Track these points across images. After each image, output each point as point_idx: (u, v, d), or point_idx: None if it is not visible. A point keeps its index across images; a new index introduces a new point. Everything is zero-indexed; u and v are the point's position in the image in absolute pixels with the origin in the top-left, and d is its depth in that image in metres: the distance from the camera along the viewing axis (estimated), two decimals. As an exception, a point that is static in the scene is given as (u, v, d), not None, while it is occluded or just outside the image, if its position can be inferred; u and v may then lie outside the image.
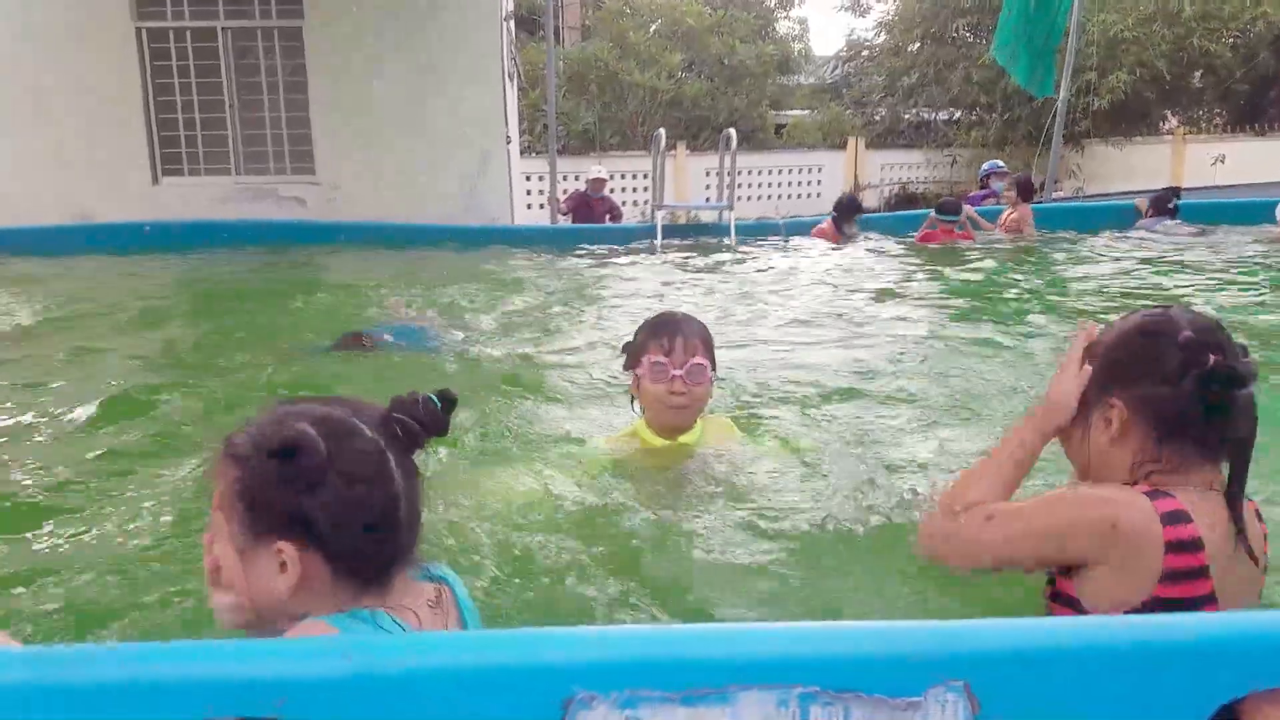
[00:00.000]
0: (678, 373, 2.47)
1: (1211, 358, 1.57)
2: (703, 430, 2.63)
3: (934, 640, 1.17)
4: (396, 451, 1.35)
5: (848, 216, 9.43)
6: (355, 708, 1.12)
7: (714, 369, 2.59)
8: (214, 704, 1.12)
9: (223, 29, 10.13)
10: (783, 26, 32.87)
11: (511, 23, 12.89)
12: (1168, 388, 1.61)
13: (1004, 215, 9.66)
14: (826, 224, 9.47)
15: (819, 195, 19.83)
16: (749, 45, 24.89)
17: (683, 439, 2.59)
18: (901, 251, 8.89)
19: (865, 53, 24.72)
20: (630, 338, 2.65)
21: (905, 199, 20.42)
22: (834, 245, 9.07)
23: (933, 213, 9.30)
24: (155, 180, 10.36)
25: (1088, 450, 1.72)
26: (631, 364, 2.59)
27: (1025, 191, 9.69)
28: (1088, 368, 1.72)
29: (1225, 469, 1.64)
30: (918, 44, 22.47)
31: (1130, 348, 1.67)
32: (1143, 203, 9.87)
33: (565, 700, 1.12)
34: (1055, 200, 12.73)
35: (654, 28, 24.76)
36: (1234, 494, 1.61)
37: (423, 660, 1.15)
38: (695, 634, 1.25)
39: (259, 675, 1.14)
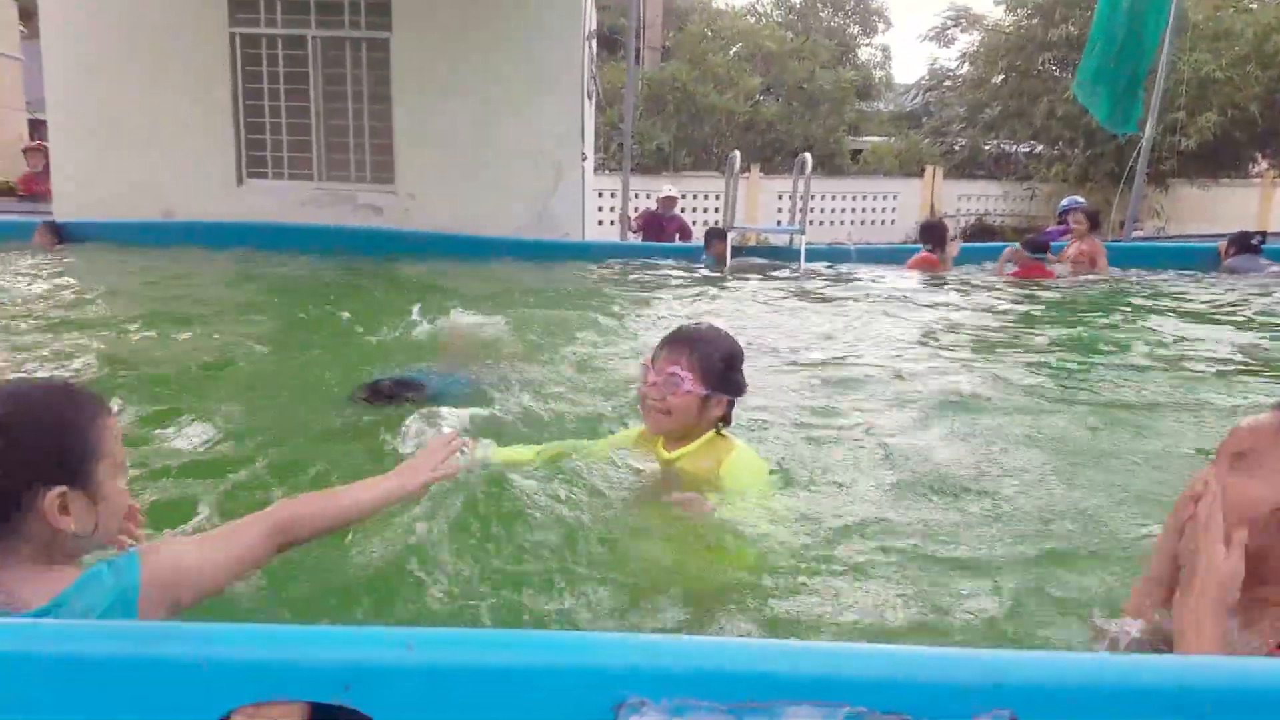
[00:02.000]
0: (653, 378, 2.54)
1: None
2: (701, 446, 2.59)
3: (982, 669, 1.18)
4: None
5: (940, 239, 9.22)
6: (416, 697, 1.17)
7: (714, 388, 2.55)
8: (283, 687, 1.18)
9: (312, 37, 10.43)
10: (864, 53, 32.84)
11: (593, 42, 13.06)
12: None
13: (1070, 248, 9.38)
14: (923, 254, 9.17)
15: (893, 222, 19.69)
16: (829, 70, 24.87)
17: (680, 450, 2.59)
18: (979, 285, 8.74)
19: (947, 82, 24.50)
20: None
21: (982, 230, 20.15)
22: (938, 274, 8.85)
23: (1017, 247, 9.11)
24: (240, 181, 10.69)
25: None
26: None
27: (1095, 222, 9.42)
28: (1243, 531, 1.55)
29: None
30: (1002, 76, 22.19)
31: None
32: (1224, 245, 9.60)
33: (616, 704, 1.15)
34: (1135, 239, 12.46)
35: (734, 50, 24.89)
36: None
37: (483, 656, 1.20)
38: (747, 648, 1.27)
39: (326, 661, 1.20)
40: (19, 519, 1.54)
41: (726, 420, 2.65)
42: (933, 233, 9.38)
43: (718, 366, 2.57)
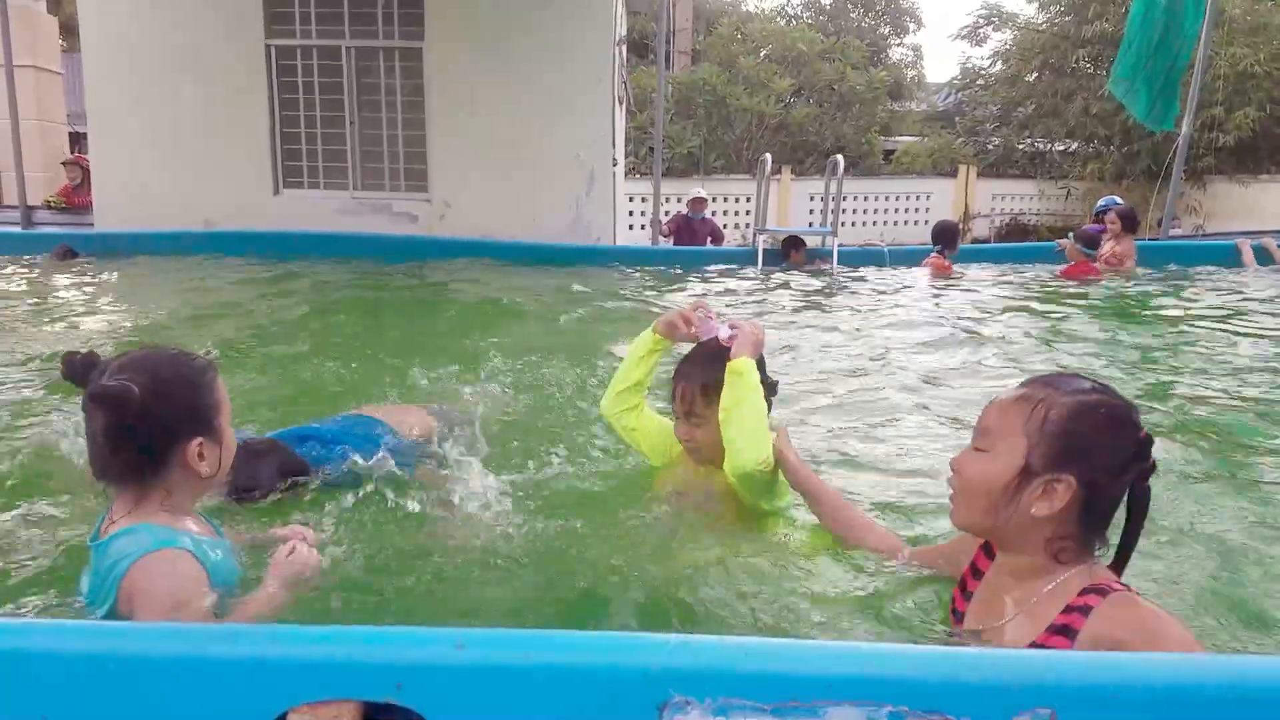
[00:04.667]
0: (682, 422, 2.53)
1: (1150, 459, 1.63)
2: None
3: (1022, 668, 1.19)
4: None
5: (951, 242, 9.11)
6: (465, 695, 1.20)
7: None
8: (337, 687, 1.22)
9: (347, 48, 10.57)
10: (896, 53, 32.68)
11: (623, 47, 13.12)
12: (1113, 476, 1.63)
13: (1105, 248, 9.27)
14: (934, 257, 9.03)
15: (927, 223, 19.50)
16: (860, 72, 24.77)
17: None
18: (1012, 285, 8.68)
19: (980, 81, 24.30)
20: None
21: (1017, 230, 19.95)
22: (949, 278, 8.71)
23: (1071, 240, 9.08)
24: (276, 191, 10.85)
25: (1010, 515, 1.67)
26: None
27: (1129, 224, 9.23)
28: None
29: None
30: (1035, 74, 21.97)
31: (1096, 430, 1.64)
32: (1270, 243, 9.46)
33: (661, 703, 1.18)
34: (1173, 237, 12.30)
35: (764, 53, 24.84)
36: (1118, 571, 1.69)
37: (531, 655, 1.23)
38: (790, 649, 1.29)
39: (378, 660, 1.23)
40: (159, 470, 1.84)
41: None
42: (945, 234, 9.20)
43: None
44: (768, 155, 10.35)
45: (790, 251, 9.66)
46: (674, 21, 23.13)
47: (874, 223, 19.69)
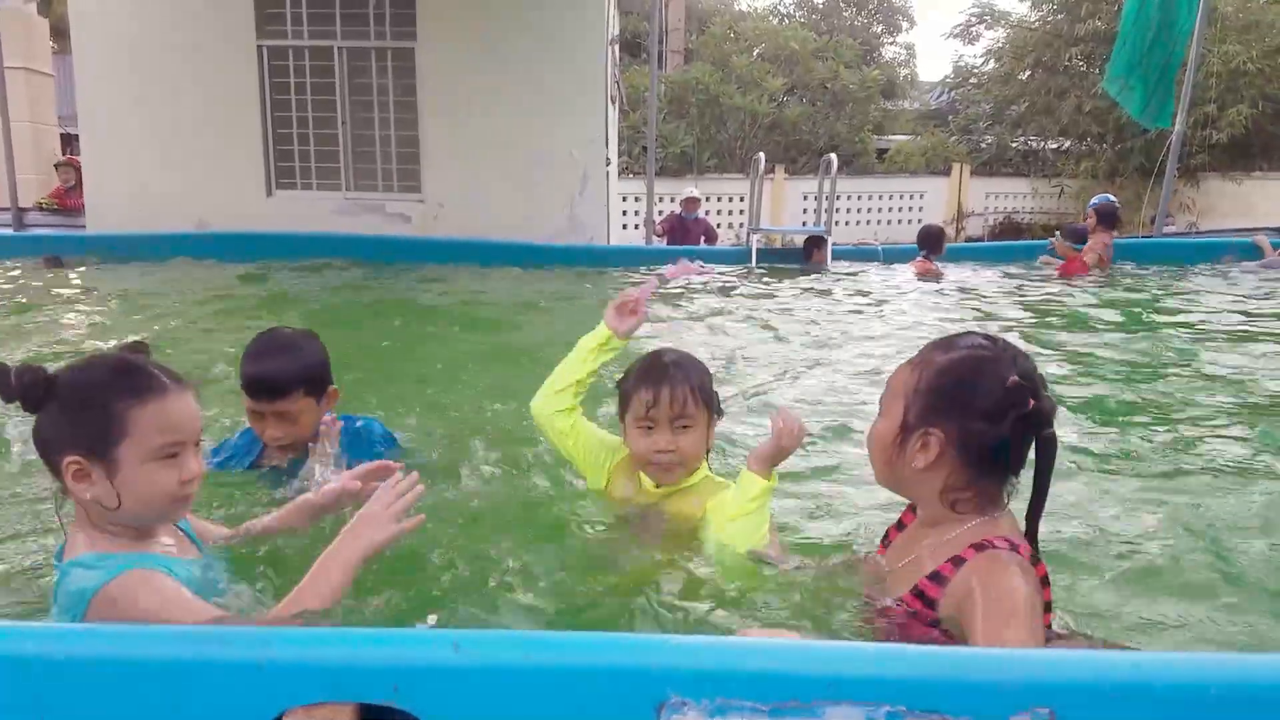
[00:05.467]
0: (662, 430, 2.28)
1: (1031, 401, 1.62)
2: (698, 484, 2.38)
3: (1021, 667, 1.19)
4: None
5: (936, 246, 9.13)
6: (462, 696, 1.19)
7: (718, 413, 2.39)
8: (334, 688, 1.21)
9: (338, 48, 10.53)
10: (888, 51, 32.73)
11: (616, 47, 13.11)
12: (987, 424, 1.65)
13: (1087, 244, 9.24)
14: (919, 261, 9.01)
15: (920, 221, 19.53)
16: (853, 70, 24.78)
17: (670, 487, 2.37)
18: (999, 282, 8.72)
19: (973, 80, 24.33)
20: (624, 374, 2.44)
21: (1011, 229, 19.97)
22: (938, 279, 8.73)
23: (1058, 237, 9.22)
24: (269, 193, 10.82)
25: (902, 470, 1.76)
26: (620, 411, 2.39)
27: (1105, 220, 9.16)
28: None
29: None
30: (1028, 72, 22.00)
31: (958, 380, 1.68)
32: (1262, 240, 9.50)
33: (659, 704, 1.17)
34: (1166, 235, 12.34)
35: (757, 52, 24.84)
36: (1033, 527, 1.72)
37: (526, 656, 1.22)
38: (787, 649, 1.29)
39: (374, 662, 1.23)
40: (63, 484, 1.66)
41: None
42: (929, 240, 9.21)
43: (710, 388, 2.37)
44: (761, 154, 10.34)
45: (813, 250, 9.62)
46: (666, 21, 23.11)
47: (868, 221, 19.72)
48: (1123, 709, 1.15)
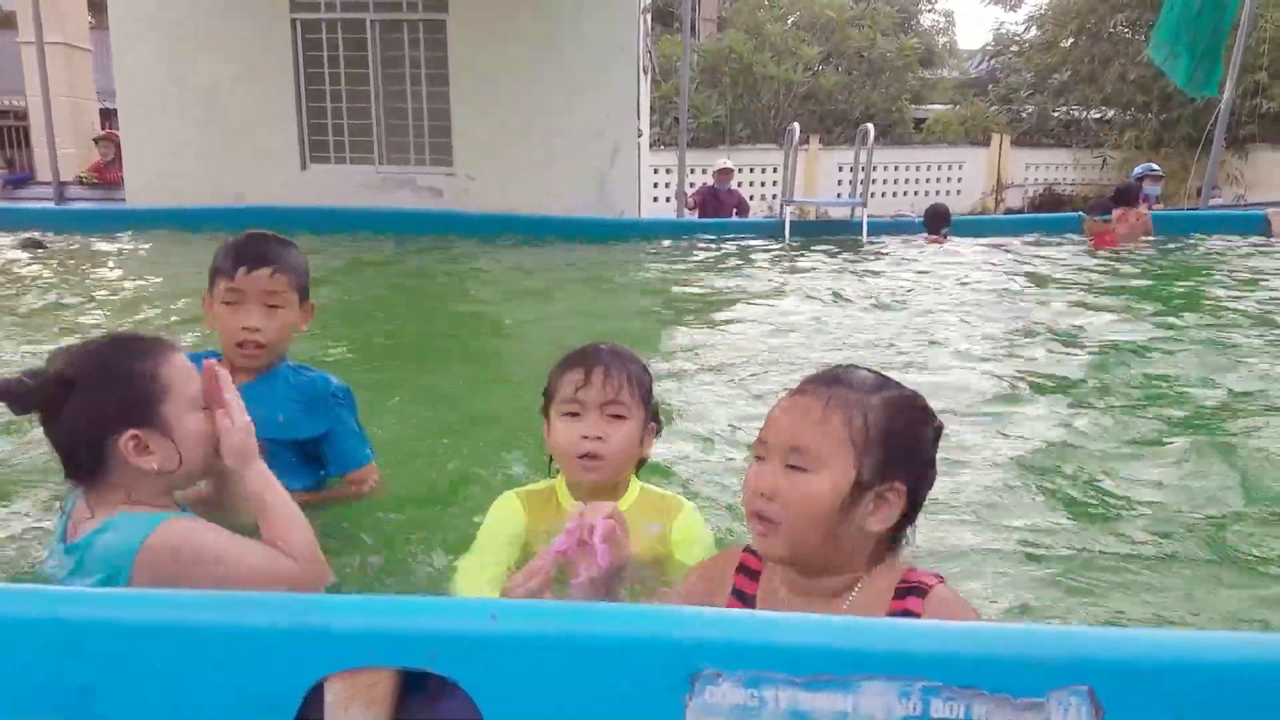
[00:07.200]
0: (591, 415, 1.96)
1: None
2: (637, 500, 2.05)
3: (1060, 644, 1.18)
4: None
5: (944, 222, 9.33)
6: (499, 664, 1.21)
7: (656, 422, 2.09)
8: (374, 655, 1.23)
9: (371, 21, 10.55)
10: (927, 19, 32.13)
11: (648, 16, 12.99)
12: (928, 472, 1.55)
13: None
14: (925, 237, 9.30)
15: (959, 193, 19.29)
16: (890, 38, 24.39)
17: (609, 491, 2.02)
18: (1036, 255, 8.61)
19: (1014, 47, 23.88)
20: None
21: (1051, 200, 19.64)
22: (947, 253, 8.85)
23: (1084, 215, 9.28)
24: (304, 166, 10.88)
25: (843, 534, 1.48)
26: (545, 405, 2.05)
27: (1119, 197, 9.36)
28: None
29: None
30: (1071, 39, 21.55)
31: (909, 427, 1.52)
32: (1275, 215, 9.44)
33: (692, 675, 1.18)
34: (1213, 207, 12.09)
35: (792, 19, 24.51)
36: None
37: (564, 625, 1.23)
38: (822, 623, 1.29)
39: (413, 630, 1.24)
40: (104, 468, 1.68)
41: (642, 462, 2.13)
42: (937, 219, 9.36)
43: (650, 387, 2.07)
44: (795, 124, 10.24)
45: (940, 227, 9.40)
46: (701, -10, 22.89)
47: (905, 193, 19.46)
48: (1162, 686, 1.14)
